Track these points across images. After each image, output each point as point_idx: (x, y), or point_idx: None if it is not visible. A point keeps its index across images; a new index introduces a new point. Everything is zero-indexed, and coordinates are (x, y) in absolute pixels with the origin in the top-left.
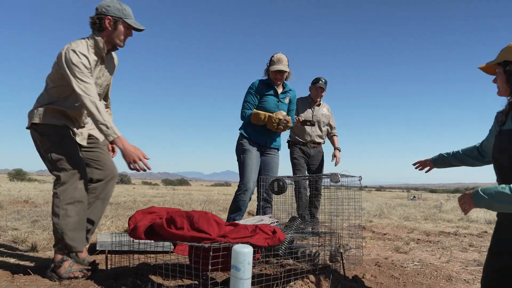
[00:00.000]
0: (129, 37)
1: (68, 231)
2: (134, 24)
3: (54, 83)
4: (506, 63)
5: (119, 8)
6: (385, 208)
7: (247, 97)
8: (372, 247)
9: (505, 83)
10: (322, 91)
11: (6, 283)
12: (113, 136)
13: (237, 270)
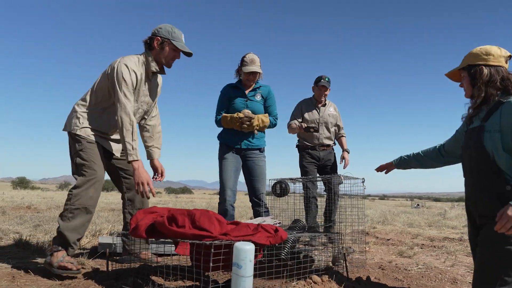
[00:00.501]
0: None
1: (66, 231)
2: (180, 46)
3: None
4: (470, 67)
5: (169, 30)
6: (389, 215)
7: (218, 104)
8: (376, 252)
9: (470, 84)
10: (325, 89)
11: (7, 283)
12: (133, 158)
13: (239, 267)
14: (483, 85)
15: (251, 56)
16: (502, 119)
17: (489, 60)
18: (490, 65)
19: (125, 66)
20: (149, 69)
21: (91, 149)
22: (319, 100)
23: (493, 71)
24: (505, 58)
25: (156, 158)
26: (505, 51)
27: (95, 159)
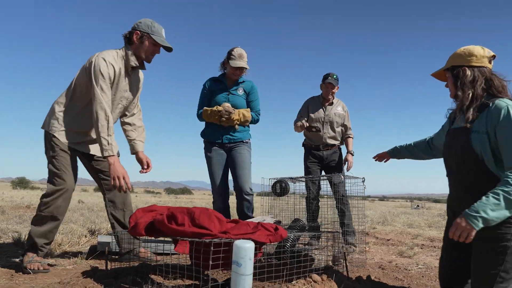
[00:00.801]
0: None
1: (36, 237)
2: (160, 41)
3: (80, 87)
4: (453, 68)
5: (149, 25)
6: (389, 216)
7: (200, 98)
8: (376, 252)
9: (453, 85)
10: (332, 87)
11: (5, 281)
12: (109, 153)
13: (238, 265)
14: (467, 87)
15: (239, 50)
16: (489, 121)
17: (471, 61)
18: (473, 66)
19: (103, 59)
20: (129, 63)
21: (64, 157)
22: (327, 98)
23: (476, 72)
24: (488, 58)
25: (140, 150)
26: (488, 51)
27: (66, 168)
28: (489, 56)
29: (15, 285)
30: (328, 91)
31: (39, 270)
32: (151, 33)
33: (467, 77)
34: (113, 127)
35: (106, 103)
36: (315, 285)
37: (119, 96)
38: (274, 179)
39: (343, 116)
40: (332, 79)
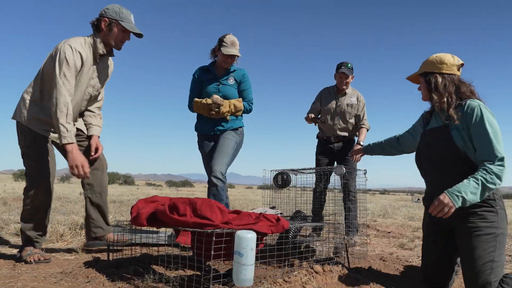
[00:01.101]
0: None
1: (27, 231)
2: (129, 27)
3: (47, 75)
4: (426, 74)
5: (117, 11)
6: (389, 209)
7: (190, 89)
8: (377, 244)
9: (426, 90)
10: (346, 77)
11: (8, 271)
12: (67, 141)
13: (240, 256)
14: (440, 92)
15: (231, 38)
16: (463, 119)
17: (442, 68)
18: (443, 73)
19: (69, 46)
20: (97, 51)
21: (38, 147)
22: (341, 88)
23: (446, 79)
24: (457, 66)
25: (94, 134)
26: (457, 59)
27: (42, 156)
28: (458, 64)
29: (18, 274)
30: (341, 81)
31: (40, 260)
32: (120, 19)
33: (439, 83)
34: (72, 114)
35: (67, 91)
36: (317, 276)
37: (86, 84)
38: (276, 171)
39: (357, 107)
40: (345, 68)
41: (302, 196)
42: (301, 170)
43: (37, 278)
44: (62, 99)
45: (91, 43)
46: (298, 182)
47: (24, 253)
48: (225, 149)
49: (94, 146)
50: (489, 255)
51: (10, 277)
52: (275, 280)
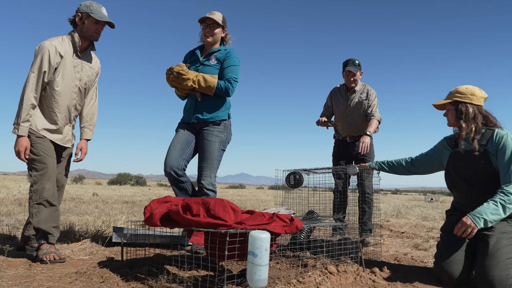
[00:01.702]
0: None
1: (42, 225)
2: (98, 17)
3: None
4: (457, 103)
5: (87, 5)
6: (402, 209)
7: None
8: (391, 244)
9: (455, 118)
10: (353, 75)
11: (24, 270)
12: (16, 131)
13: (254, 256)
14: (469, 121)
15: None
16: (496, 144)
17: (473, 99)
18: (473, 104)
19: (47, 42)
20: (75, 44)
21: (41, 143)
22: (349, 87)
23: (476, 109)
24: (484, 99)
25: (84, 138)
26: (484, 93)
27: (45, 152)
28: (485, 97)
29: (33, 274)
30: (349, 79)
31: (55, 260)
32: (90, 12)
33: (470, 112)
34: (29, 109)
35: (32, 84)
36: (331, 277)
37: (72, 77)
38: (288, 171)
39: (366, 102)
40: (351, 66)
41: (315, 196)
42: (313, 170)
43: (52, 278)
44: (25, 92)
45: (70, 38)
46: (310, 182)
47: (40, 252)
48: (210, 155)
49: (78, 149)
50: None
51: (26, 276)
52: (289, 280)
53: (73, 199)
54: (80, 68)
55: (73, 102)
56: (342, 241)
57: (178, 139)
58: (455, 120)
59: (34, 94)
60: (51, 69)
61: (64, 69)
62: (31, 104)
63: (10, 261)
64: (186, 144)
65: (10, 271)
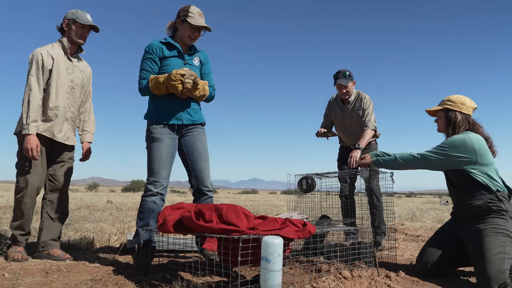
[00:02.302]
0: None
1: (13, 229)
2: (84, 21)
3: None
4: (447, 110)
5: (73, 12)
6: (417, 212)
7: (143, 64)
8: (405, 248)
9: (445, 125)
10: (344, 87)
11: (40, 278)
12: (26, 131)
13: (267, 261)
14: (456, 127)
15: (197, 9)
16: None
17: (462, 108)
18: (462, 112)
19: (39, 48)
20: (65, 47)
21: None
22: (343, 99)
23: (464, 118)
24: (473, 109)
25: (85, 141)
26: (474, 103)
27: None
28: (474, 107)
29: (50, 281)
30: (341, 91)
31: (18, 259)
32: (76, 18)
33: (458, 120)
34: (36, 110)
35: (34, 87)
36: (345, 282)
37: (65, 78)
38: (300, 176)
39: (360, 112)
40: (342, 78)
41: (327, 200)
42: (325, 174)
43: (68, 285)
44: (27, 92)
45: (59, 44)
46: (323, 186)
47: (10, 250)
48: (206, 155)
49: (84, 151)
50: (501, 248)
51: (42, 284)
52: (303, 286)
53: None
54: (71, 70)
55: (67, 102)
56: (356, 246)
57: (166, 152)
58: (444, 127)
59: (39, 95)
60: (46, 71)
61: (57, 70)
62: (38, 105)
63: (27, 269)
64: (172, 158)
65: (27, 279)
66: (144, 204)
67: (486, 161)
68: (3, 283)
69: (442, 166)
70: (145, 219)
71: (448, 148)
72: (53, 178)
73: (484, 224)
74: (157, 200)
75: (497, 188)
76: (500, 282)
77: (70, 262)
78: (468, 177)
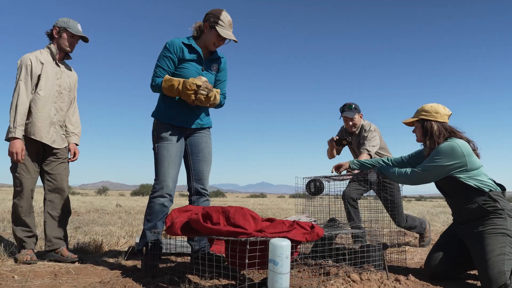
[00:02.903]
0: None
1: (17, 233)
2: (75, 31)
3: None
4: (423, 121)
5: (65, 21)
6: (427, 215)
7: (160, 61)
8: (415, 252)
9: (422, 135)
10: (350, 120)
11: (49, 280)
12: (11, 135)
13: (275, 264)
14: (433, 138)
15: (229, 17)
16: None
17: (437, 117)
18: (438, 121)
19: (28, 54)
20: (53, 54)
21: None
22: (351, 131)
23: (440, 126)
24: (448, 116)
25: (71, 142)
26: (448, 110)
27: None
28: (448, 114)
29: (59, 284)
30: (347, 124)
31: (27, 260)
32: (67, 27)
33: (434, 130)
34: (23, 114)
35: (22, 92)
36: (354, 285)
37: (53, 82)
38: (308, 178)
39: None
40: (348, 111)
41: (336, 204)
42: (334, 176)
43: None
44: (15, 97)
45: (47, 50)
46: (331, 189)
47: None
48: (210, 158)
49: (72, 151)
50: (501, 249)
51: (51, 286)
52: None
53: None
54: (59, 76)
55: (54, 105)
56: (365, 249)
57: (175, 152)
58: (421, 137)
59: (27, 100)
60: (35, 76)
61: (46, 75)
62: (25, 109)
63: (36, 271)
64: (180, 159)
65: (37, 281)
66: (152, 206)
67: (474, 164)
68: (13, 285)
69: (436, 178)
70: (153, 221)
71: (439, 158)
72: (50, 178)
73: (483, 225)
74: (166, 202)
75: (489, 189)
76: (500, 284)
77: (79, 264)
78: (459, 183)
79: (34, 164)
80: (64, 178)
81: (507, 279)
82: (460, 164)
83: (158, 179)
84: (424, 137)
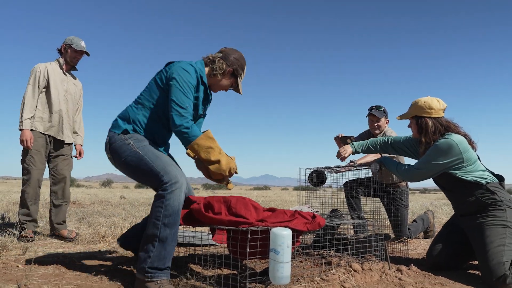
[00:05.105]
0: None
1: (20, 215)
2: (77, 47)
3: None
4: (417, 117)
5: (71, 39)
6: (431, 207)
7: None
8: (418, 243)
9: (417, 132)
10: (377, 120)
11: (53, 270)
12: (20, 127)
13: (276, 253)
14: (429, 135)
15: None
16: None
17: (431, 113)
18: (432, 117)
19: (39, 63)
20: (61, 66)
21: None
22: (373, 133)
23: (435, 122)
24: (443, 110)
25: (78, 143)
26: (443, 103)
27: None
28: (444, 108)
29: (62, 273)
30: (372, 123)
31: (26, 238)
32: (72, 44)
33: (429, 127)
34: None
35: (30, 92)
36: (355, 275)
37: (60, 88)
38: (310, 169)
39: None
40: (376, 110)
41: (339, 196)
42: (336, 168)
43: (80, 277)
44: (27, 97)
45: (56, 62)
46: (333, 180)
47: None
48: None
49: (78, 150)
50: (500, 240)
51: (55, 275)
52: (312, 278)
53: (102, 202)
54: (66, 83)
55: (63, 107)
56: (367, 239)
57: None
58: (417, 133)
59: (32, 99)
60: (43, 80)
61: (54, 82)
62: (31, 106)
63: (40, 261)
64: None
65: (41, 270)
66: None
67: (471, 159)
68: (17, 274)
69: (434, 175)
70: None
71: (436, 156)
72: (55, 172)
73: (483, 217)
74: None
75: (486, 181)
76: (499, 275)
77: (82, 254)
78: (456, 178)
79: (42, 156)
80: (68, 172)
81: (506, 270)
82: (458, 162)
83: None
84: (419, 134)
